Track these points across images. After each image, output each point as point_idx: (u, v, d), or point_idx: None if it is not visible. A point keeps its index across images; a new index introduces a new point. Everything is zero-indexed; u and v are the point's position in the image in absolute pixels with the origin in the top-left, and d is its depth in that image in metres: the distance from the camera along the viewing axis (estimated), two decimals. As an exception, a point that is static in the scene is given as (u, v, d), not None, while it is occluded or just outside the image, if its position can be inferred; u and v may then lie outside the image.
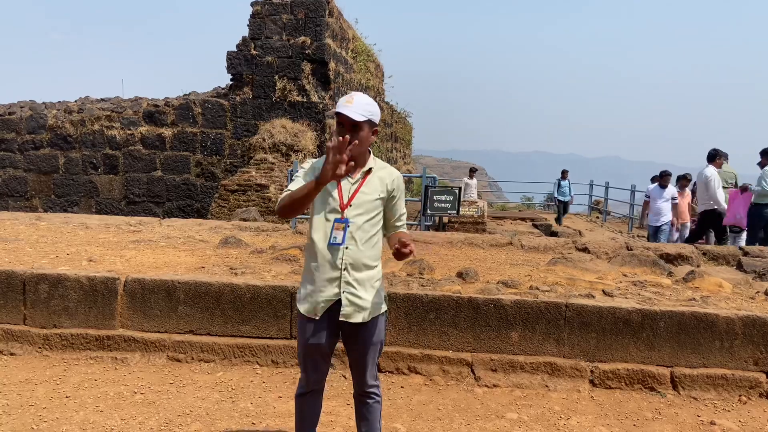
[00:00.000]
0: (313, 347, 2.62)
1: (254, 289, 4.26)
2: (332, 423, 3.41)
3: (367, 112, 2.52)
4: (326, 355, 2.68)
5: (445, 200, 9.91)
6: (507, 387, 3.95)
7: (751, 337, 3.91)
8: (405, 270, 5.01)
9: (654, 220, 10.29)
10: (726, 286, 4.82)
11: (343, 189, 2.59)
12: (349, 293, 2.56)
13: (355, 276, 2.58)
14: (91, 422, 3.32)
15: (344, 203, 2.57)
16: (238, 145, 12.48)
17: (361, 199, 2.59)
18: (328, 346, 2.65)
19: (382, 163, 2.71)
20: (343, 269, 2.56)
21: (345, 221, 2.56)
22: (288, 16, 12.13)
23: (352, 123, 2.50)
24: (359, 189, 2.60)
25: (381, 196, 2.62)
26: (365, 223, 2.59)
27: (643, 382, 3.94)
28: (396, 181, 2.67)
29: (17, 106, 13.76)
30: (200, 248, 5.87)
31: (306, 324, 2.62)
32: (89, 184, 13.22)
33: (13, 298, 4.38)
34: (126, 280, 4.36)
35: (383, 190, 2.63)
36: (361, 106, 2.52)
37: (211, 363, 4.19)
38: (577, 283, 4.72)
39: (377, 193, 2.61)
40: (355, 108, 2.49)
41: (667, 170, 10.88)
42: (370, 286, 2.61)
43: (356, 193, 2.59)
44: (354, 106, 2.50)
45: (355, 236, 2.56)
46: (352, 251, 2.56)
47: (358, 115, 2.49)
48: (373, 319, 2.63)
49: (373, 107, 2.56)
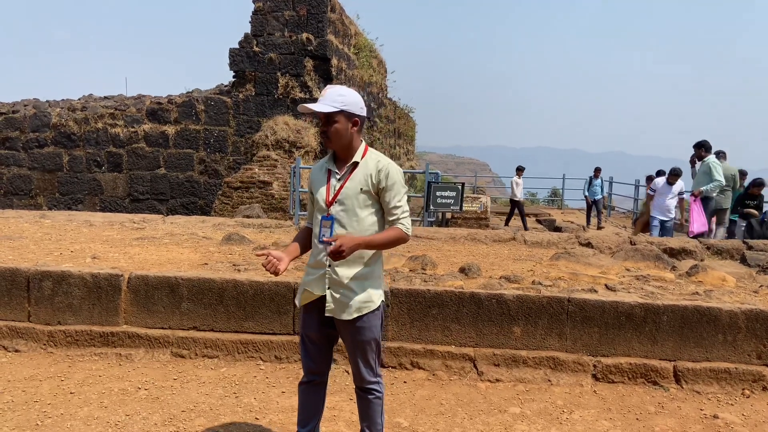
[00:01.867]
0: (305, 336, 2.72)
1: (257, 286, 4.27)
2: (335, 417, 3.42)
3: (340, 103, 2.50)
4: (318, 345, 2.71)
5: (448, 196, 9.90)
6: (510, 381, 3.96)
7: (755, 330, 3.90)
8: (408, 266, 5.01)
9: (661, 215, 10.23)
10: (729, 280, 4.81)
11: (330, 186, 2.60)
12: (333, 290, 2.57)
13: (341, 273, 2.56)
14: (96, 418, 3.34)
15: (329, 200, 2.58)
16: (241, 143, 12.49)
17: (345, 194, 2.56)
18: (319, 338, 2.69)
19: (374, 155, 2.62)
20: (328, 266, 2.56)
21: (330, 218, 2.56)
22: (290, 12, 12.12)
23: (326, 116, 2.52)
24: (344, 185, 2.57)
25: (364, 188, 2.55)
26: (352, 218, 2.55)
27: (645, 376, 3.94)
28: (382, 171, 2.55)
29: (21, 105, 13.81)
30: (203, 245, 5.88)
31: (302, 313, 2.72)
32: (93, 182, 13.26)
33: (17, 295, 4.40)
34: (130, 276, 4.38)
35: (367, 182, 2.55)
36: (332, 97, 2.51)
37: (215, 359, 4.20)
38: (579, 278, 4.72)
39: (360, 185, 2.55)
40: (324, 100, 2.50)
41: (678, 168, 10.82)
42: (357, 284, 2.58)
43: (341, 189, 2.56)
44: (324, 98, 2.51)
45: (340, 233, 2.54)
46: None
47: (327, 107, 2.49)
48: (360, 317, 2.58)
49: (349, 97, 2.52)
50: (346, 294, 2.57)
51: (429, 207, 9.98)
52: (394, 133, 19.71)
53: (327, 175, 2.63)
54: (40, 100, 14.11)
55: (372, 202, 2.58)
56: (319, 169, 2.69)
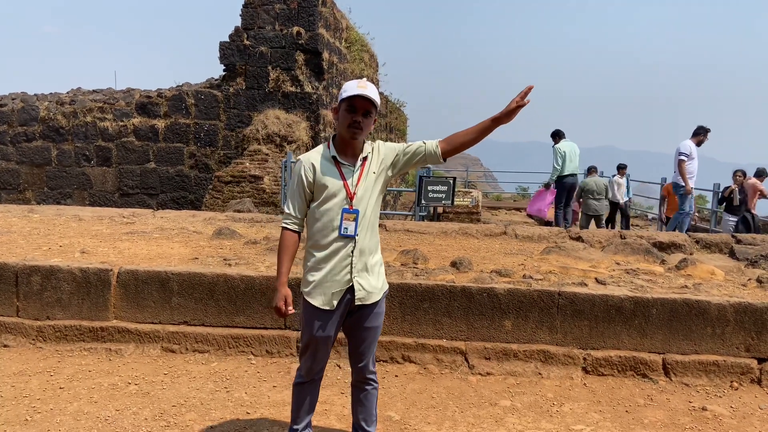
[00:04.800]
0: (323, 339, 2.65)
1: (248, 280, 4.26)
2: (327, 412, 3.42)
3: (378, 100, 2.56)
4: (332, 344, 2.75)
5: (440, 191, 9.90)
6: (500, 375, 3.97)
7: (743, 323, 3.94)
8: (399, 260, 5.01)
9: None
10: (718, 274, 4.84)
11: (346, 179, 2.59)
12: (359, 277, 2.61)
13: (364, 263, 2.63)
14: (86, 413, 3.33)
15: (351, 193, 2.58)
16: (232, 137, 12.42)
17: (365, 186, 2.62)
18: (335, 336, 2.71)
19: (371, 145, 2.71)
20: (353, 257, 2.59)
21: (355, 212, 2.57)
22: (281, 5, 12.04)
23: (366, 109, 2.52)
24: (361, 176, 2.62)
25: (375, 171, 2.65)
26: (371, 210, 2.64)
27: (635, 369, 3.97)
28: (381, 147, 2.69)
29: (9, 98, 13.65)
30: (194, 239, 5.86)
31: (317, 316, 2.62)
32: (82, 176, 13.15)
33: (5, 290, 4.36)
34: (119, 271, 4.35)
35: (377, 167, 2.66)
36: (375, 92, 2.55)
37: (206, 353, 4.19)
38: (570, 272, 4.74)
39: (375, 173, 2.65)
40: (370, 92, 2.52)
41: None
42: (377, 272, 2.70)
43: (359, 182, 2.61)
44: (368, 90, 2.51)
45: (362, 225, 2.60)
46: (360, 239, 2.60)
47: (375, 98, 2.53)
48: (382, 299, 2.72)
49: (379, 97, 2.60)
50: (370, 279, 2.65)
51: (420, 201, 9.98)
52: (385, 127, 19.69)
53: (337, 168, 2.61)
54: (28, 94, 13.96)
55: (380, 189, 2.68)
56: (322, 161, 2.61)
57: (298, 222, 2.66)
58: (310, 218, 2.65)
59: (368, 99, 2.50)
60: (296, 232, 2.67)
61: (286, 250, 2.65)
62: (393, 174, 2.72)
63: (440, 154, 2.65)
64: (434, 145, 2.66)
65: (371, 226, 2.65)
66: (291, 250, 2.66)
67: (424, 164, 2.76)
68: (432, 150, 2.66)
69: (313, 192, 2.61)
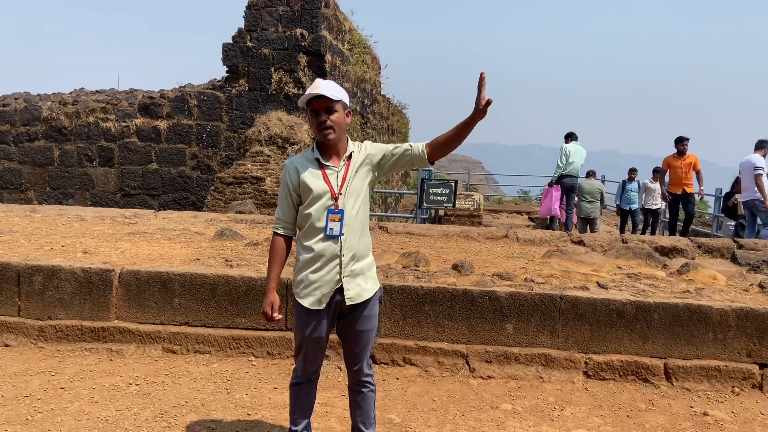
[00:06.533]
0: (314, 339, 2.65)
1: (249, 281, 4.26)
2: (327, 414, 3.42)
3: (338, 93, 2.54)
4: (325, 345, 2.73)
5: (441, 193, 9.91)
6: (501, 378, 3.97)
7: (745, 329, 3.93)
8: (400, 262, 5.01)
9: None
10: (720, 279, 4.84)
11: (330, 180, 2.59)
12: (348, 277, 2.60)
13: (354, 264, 2.62)
14: (86, 413, 3.33)
15: (336, 193, 2.58)
16: (234, 138, 12.43)
17: (350, 186, 2.60)
18: (327, 336, 2.70)
19: (356, 144, 2.70)
20: (342, 257, 2.58)
21: (340, 212, 2.57)
22: (284, 7, 12.06)
23: (327, 106, 2.52)
24: (346, 176, 2.60)
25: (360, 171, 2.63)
26: (357, 210, 2.61)
27: (636, 374, 3.96)
28: (368, 147, 2.67)
29: (12, 98, 13.68)
30: (196, 240, 5.86)
31: (307, 316, 2.63)
32: (84, 176, 13.16)
33: (7, 290, 4.37)
34: (121, 271, 4.36)
35: (362, 167, 2.64)
36: (331, 87, 2.54)
37: (207, 354, 4.19)
38: (571, 276, 4.74)
39: (360, 173, 2.63)
40: (325, 89, 2.51)
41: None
42: (367, 274, 2.67)
43: (344, 181, 2.60)
44: (322, 88, 2.51)
45: (350, 225, 2.59)
46: (348, 240, 2.58)
47: (332, 94, 2.51)
48: (372, 298, 2.68)
49: (342, 90, 2.58)
50: (358, 279, 2.63)
51: (422, 204, 9.98)
52: (387, 129, 19.69)
53: (320, 169, 2.61)
54: (30, 94, 13.98)
55: (367, 189, 2.66)
56: (306, 164, 2.63)
57: (288, 226, 2.69)
58: (299, 220, 2.66)
59: (323, 96, 2.49)
60: (285, 236, 2.69)
61: (276, 255, 2.69)
62: (380, 174, 2.71)
63: (426, 157, 2.65)
64: (421, 148, 2.65)
65: (360, 226, 2.62)
66: (280, 254, 2.69)
67: (411, 166, 2.76)
68: (418, 152, 2.65)
69: (300, 195, 2.63)
